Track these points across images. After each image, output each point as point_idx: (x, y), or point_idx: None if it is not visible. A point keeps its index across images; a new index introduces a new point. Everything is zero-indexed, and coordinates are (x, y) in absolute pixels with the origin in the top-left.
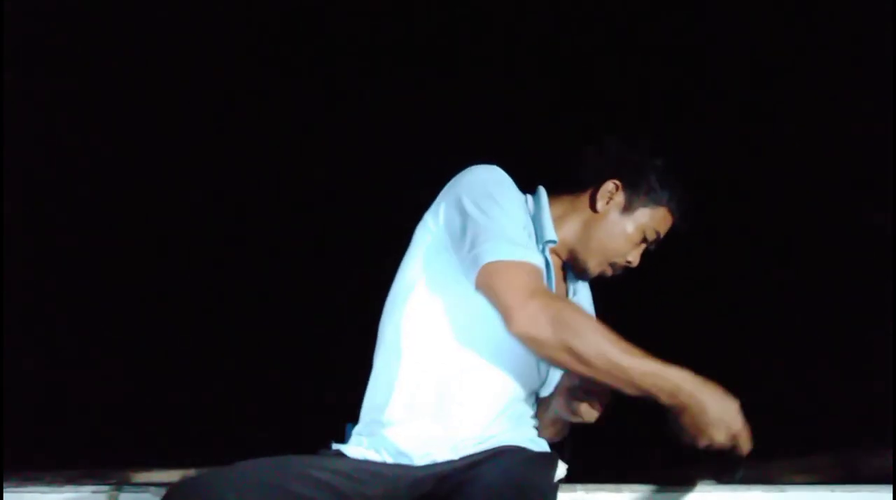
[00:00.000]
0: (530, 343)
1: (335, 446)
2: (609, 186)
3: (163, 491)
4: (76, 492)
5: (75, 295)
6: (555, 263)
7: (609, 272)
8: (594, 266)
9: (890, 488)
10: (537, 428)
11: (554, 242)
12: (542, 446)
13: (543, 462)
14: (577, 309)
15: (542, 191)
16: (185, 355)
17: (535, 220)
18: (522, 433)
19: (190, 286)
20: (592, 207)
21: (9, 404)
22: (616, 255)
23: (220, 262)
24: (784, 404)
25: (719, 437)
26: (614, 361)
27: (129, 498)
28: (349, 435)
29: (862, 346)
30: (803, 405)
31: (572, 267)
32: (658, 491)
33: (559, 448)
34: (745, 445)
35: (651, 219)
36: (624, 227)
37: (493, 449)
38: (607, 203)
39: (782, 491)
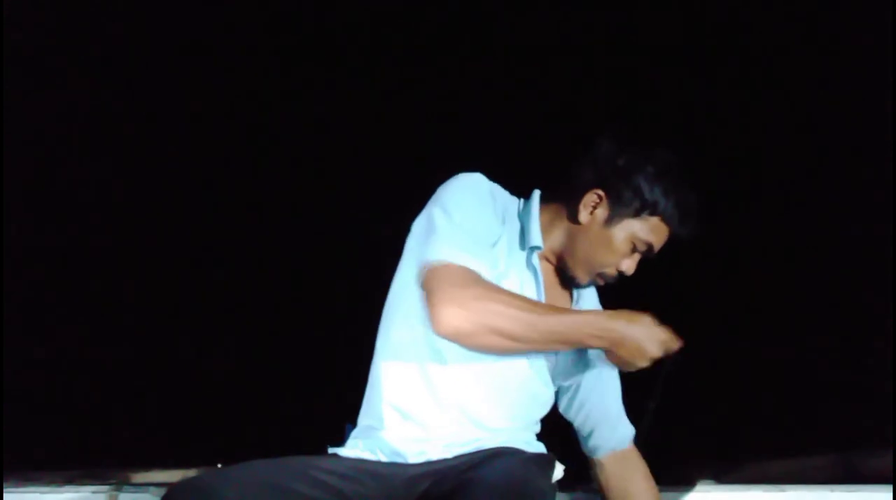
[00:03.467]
0: (457, 339)
1: (331, 449)
2: (591, 197)
3: (162, 491)
4: (76, 492)
5: (75, 294)
6: (549, 269)
7: (600, 282)
8: (582, 276)
9: (890, 488)
10: (538, 435)
11: (539, 247)
12: (538, 447)
13: (542, 463)
14: (489, 288)
15: (535, 195)
16: (185, 355)
17: (524, 224)
18: (518, 435)
19: (190, 287)
20: (577, 217)
21: (9, 403)
22: (602, 266)
23: (220, 263)
24: (784, 405)
25: (655, 352)
26: (542, 327)
27: (128, 498)
28: (349, 436)
29: (862, 346)
30: (803, 405)
31: (565, 274)
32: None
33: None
34: (674, 343)
35: (640, 230)
36: (608, 239)
37: (490, 450)
38: (590, 214)
39: (782, 491)
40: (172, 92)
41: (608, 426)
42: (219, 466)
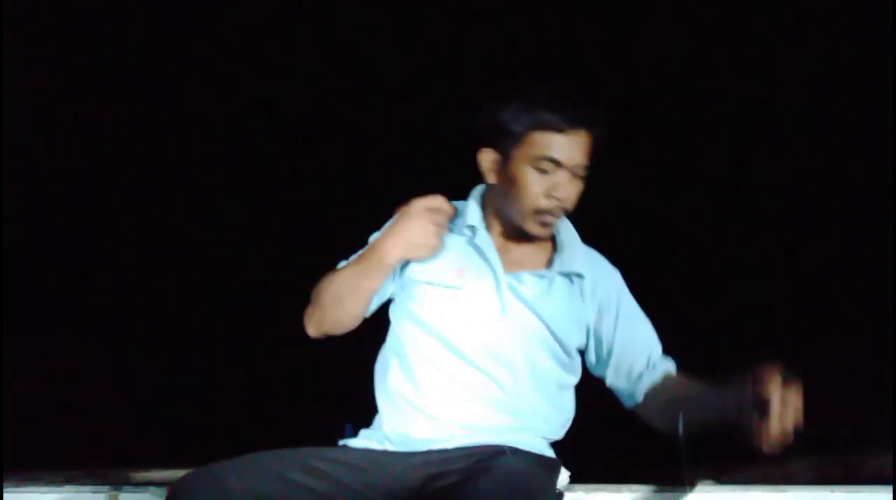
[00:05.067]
0: (322, 331)
1: (341, 442)
2: (484, 157)
3: (162, 491)
4: (76, 492)
5: (75, 294)
6: (514, 240)
7: (547, 220)
8: (528, 225)
9: (890, 488)
10: (547, 438)
11: (472, 226)
12: (540, 447)
13: (547, 466)
14: (326, 276)
15: (478, 187)
16: (185, 354)
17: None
18: (520, 431)
19: (191, 286)
20: (489, 181)
21: (9, 404)
22: (529, 206)
23: (220, 261)
24: None
25: (427, 224)
26: (349, 276)
27: (128, 498)
28: (349, 435)
29: (862, 346)
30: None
31: (527, 234)
32: (658, 491)
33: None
34: (435, 201)
35: (530, 152)
36: (513, 180)
37: (494, 447)
38: (493, 171)
39: (782, 491)
40: (174, 89)
41: (643, 355)
42: None
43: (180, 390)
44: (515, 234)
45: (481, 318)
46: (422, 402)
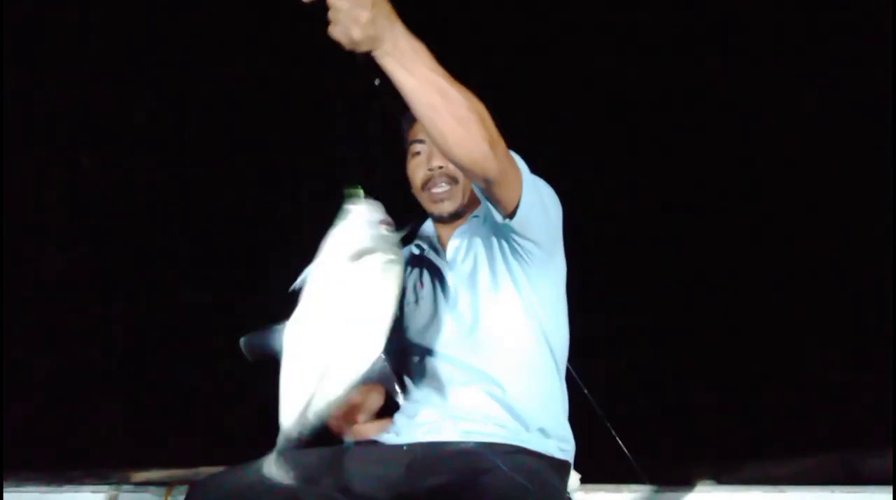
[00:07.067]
0: None
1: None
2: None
3: (162, 491)
4: (76, 492)
5: (76, 295)
6: (448, 230)
7: (435, 193)
8: (427, 205)
9: (890, 488)
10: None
11: (418, 244)
12: (549, 449)
13: (557, 468)
14: None
15: None
16: (185, 354)
17: None
18: (488, 418)
19: (191, 285)
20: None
21: (9, 403)
22: (417, 181)
23: (220, 260)
24: (784, 405)
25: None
26: None
27: (128, 497)
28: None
29: (862, 346)
30: (803, 406)
31: (449, 220)
32: (658, 491)
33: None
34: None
35: (409, 143)
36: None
37: (503, 446)
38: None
39: (782, 491)
40: (172, 89)
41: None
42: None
43: (180, 391)
44: (453, 228)
45: (439, 307)
46: (418, 396)
